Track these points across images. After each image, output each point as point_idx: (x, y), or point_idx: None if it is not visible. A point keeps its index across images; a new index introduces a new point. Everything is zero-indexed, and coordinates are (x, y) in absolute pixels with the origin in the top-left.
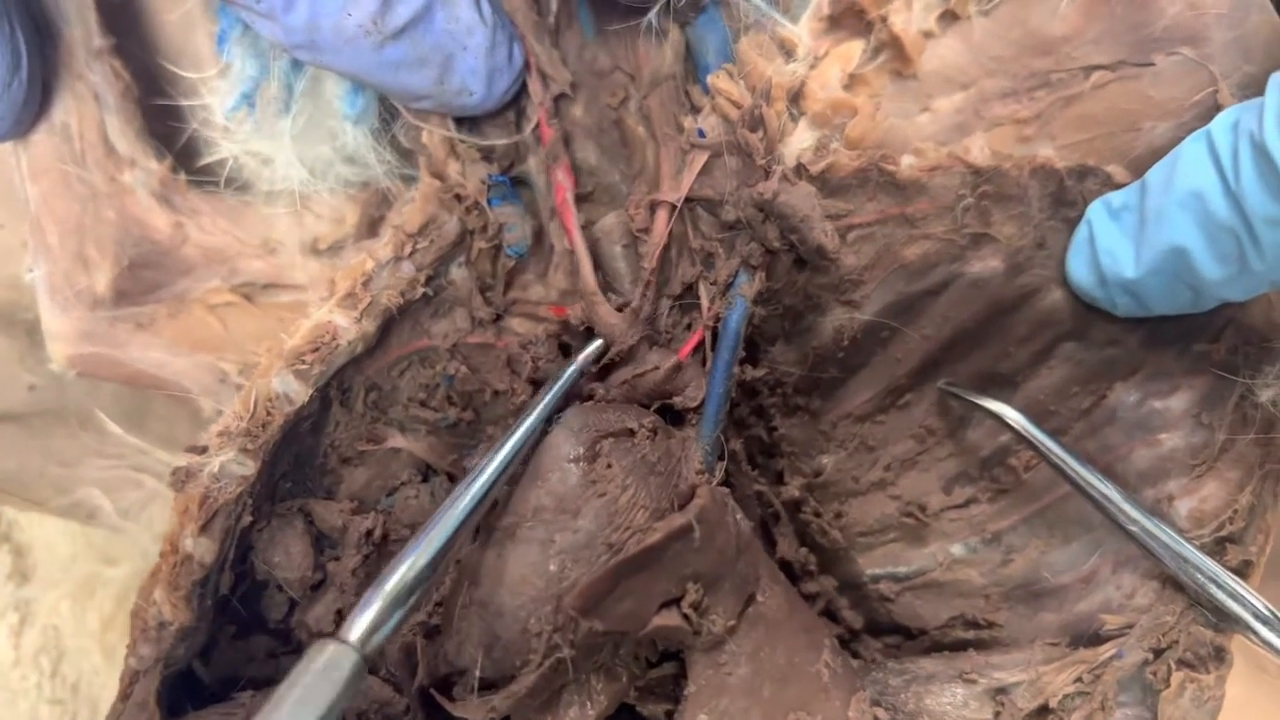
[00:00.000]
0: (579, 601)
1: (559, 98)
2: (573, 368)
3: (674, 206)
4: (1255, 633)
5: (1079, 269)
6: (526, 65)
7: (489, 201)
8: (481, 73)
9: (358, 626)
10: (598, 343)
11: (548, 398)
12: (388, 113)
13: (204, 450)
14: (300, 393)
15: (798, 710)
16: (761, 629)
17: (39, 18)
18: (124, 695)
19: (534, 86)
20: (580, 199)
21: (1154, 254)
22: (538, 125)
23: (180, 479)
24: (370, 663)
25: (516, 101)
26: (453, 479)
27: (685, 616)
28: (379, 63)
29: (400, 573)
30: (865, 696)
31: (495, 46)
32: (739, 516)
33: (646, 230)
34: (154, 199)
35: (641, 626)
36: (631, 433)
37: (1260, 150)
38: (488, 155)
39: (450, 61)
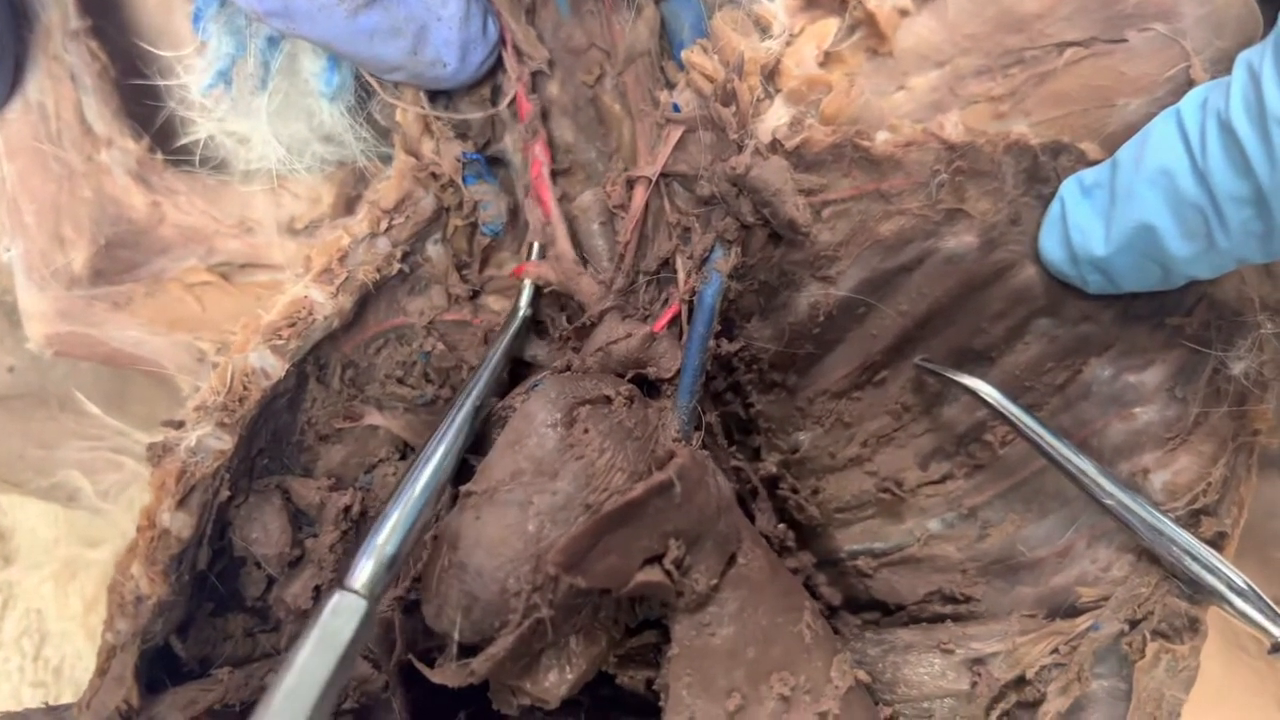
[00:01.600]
0: (561, 557)
1: (536, 74)
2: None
3: (650, 181)
4: (1230, 604)
5: (1051, 246)
6: (502, 40)
7: (464, 180)
8: (455, 44)
9: (362, 573)
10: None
11: (509, 333)
12: (364, 90)
13: (180, 425)
14: (277, 368)
15: (781, 670)
16: (744, 590)
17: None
18: (101, 670)
19: (510, 62)
20: (556, 174)
21: (1123, 231)
22: (514, 100)
23: (157, 453)
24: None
25: (492, 77)
26: None
27: (667, 573)
28: (352, 31)
29: (394, 517)
30: (847, 658)
31: (469, 18)
32: (719, 478)
33: (623, 207)
34: (131, 178)
35: (624, 583)
36: (608, 400)
37: (1227, 129)
38: (463, 133)
39: (424, 32)
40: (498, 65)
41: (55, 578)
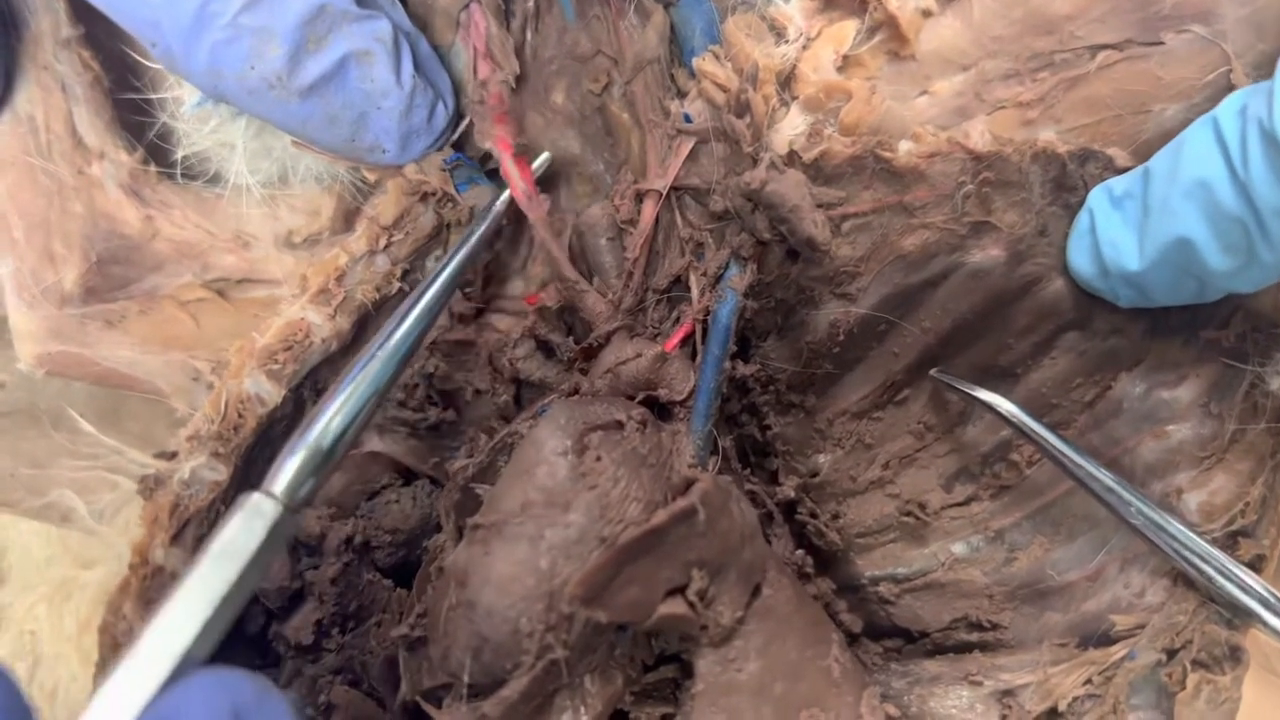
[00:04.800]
0: (581, 589)
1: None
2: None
3: (660, 195)
4: (1265, 623)
5: (1080, 259)
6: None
7: (456, 188)
8: (395, 134)
9: (282, 477)
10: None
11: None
12: None
13: (174, 456)
14: (273, 393)
15: (811, 707)
16: (771, 622)
17: (5, 7)
18: None
19: (482, 71)
20: (545, 183)
21: (1158, 245)
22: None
23: (149, 486)
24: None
25: None
26: (435, 482)
27: (691, 605)
28: (285, 115)
29: (324, 420)
30: (876, 692)
31: (412, 110)
32: (743, 505)
33: (632, 222)
34: (123, 192)
35: (646, 617)
36: (620, 425)
37: (1269, 138)
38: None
39: (363, 119)
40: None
41: (49, 599)
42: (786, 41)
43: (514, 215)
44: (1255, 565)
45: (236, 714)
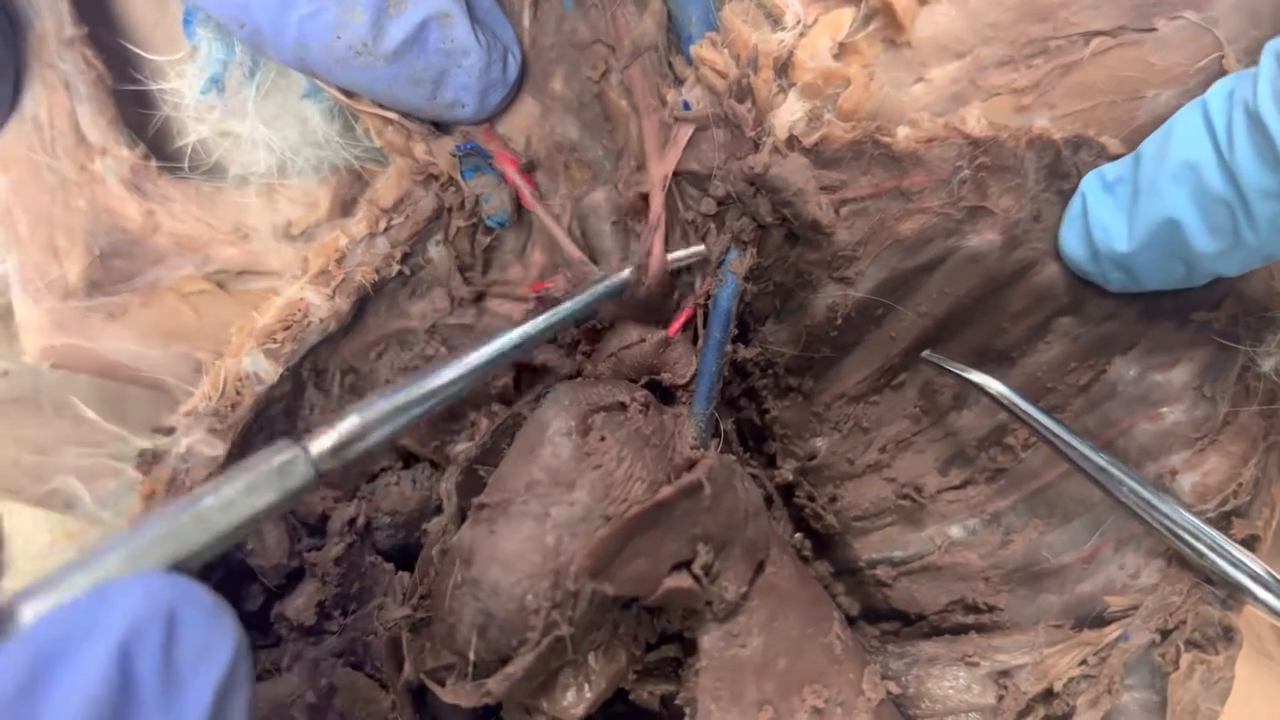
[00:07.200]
0: (589, 561)
1: None
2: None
3: (666, 179)
4: (1254, 595)
5: (1072, 243)
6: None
7: (462, 174)
8: (474, 89)
9: (324, 441)
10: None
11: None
12: None
13: (171, 431)
14: (270, 372)
15: (813, 683)
16: (774, 598)
17: (10, 9)
18: None
19: None
20: (528, 169)
21: (1146, 227)
22: None
23: (146, 461)
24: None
25: None
26: (435, 465)
27: (696, 579)
28: (371, 79)
29: (387, 405)
30: (876, 669)
31: (490, 65)
32: (747, 483)
33: (638, 210)
34: (125, 187)
35: (652, 590)
36: (623, 406)
37: (1255, 121)
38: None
39: (443, 77)
40: None
41: None
42: (784, 29)
43: (515, 205)
44: (1249, 545)
45: (172, 620)
